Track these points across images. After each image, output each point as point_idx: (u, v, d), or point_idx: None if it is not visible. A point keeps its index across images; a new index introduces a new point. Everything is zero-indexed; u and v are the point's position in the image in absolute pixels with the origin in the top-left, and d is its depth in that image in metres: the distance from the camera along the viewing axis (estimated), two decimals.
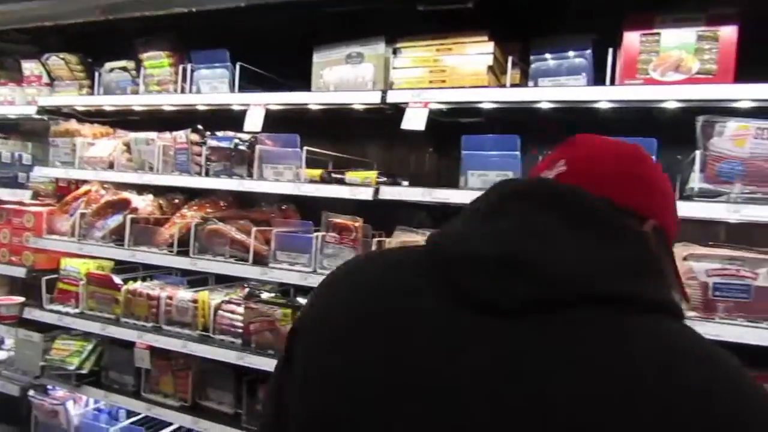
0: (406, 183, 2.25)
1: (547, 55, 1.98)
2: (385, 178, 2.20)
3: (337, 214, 2.29)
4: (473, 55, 2.03)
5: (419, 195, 2.04)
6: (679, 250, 1.91)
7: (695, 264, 1.77)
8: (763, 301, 1.71)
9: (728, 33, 1.71)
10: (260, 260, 2.40)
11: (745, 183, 1.67)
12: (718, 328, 1.68)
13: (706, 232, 2.11)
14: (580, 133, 0.85)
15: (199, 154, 2.60)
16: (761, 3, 1.64)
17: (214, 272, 2.51)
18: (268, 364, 2.29)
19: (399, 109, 2.11)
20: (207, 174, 2.56)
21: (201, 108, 2.63)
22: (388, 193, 2.10)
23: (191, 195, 2.90)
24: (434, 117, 2.33)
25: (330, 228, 2.28)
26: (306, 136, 2.44)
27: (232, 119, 2.52)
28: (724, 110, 1.73)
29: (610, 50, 1.84)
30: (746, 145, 1.66)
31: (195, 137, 2.63)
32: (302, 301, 2.44)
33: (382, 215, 2.35)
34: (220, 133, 2.59)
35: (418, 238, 2.13)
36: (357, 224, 2.22)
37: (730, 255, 1.74)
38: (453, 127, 2.39)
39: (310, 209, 2.52)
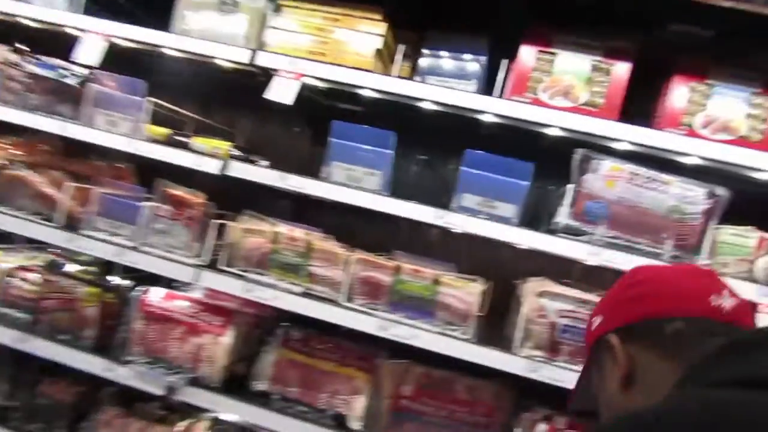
0: (265, 163, 1.95)
1: (441, 53, 1.80)
2: (239, 152, 1.88)
3: (176, 185, 1.92)
4: (362, 33, 1.79)
5: (273, 179, 1.75)
6: (535, 285, 1.82)
7: (548, 302, 1.68)
8: None
9: (621, 70, 1.63)
10: (74, 224, 1.95)
11: (610, 227, 1.60)
12: (558, 372, 1.60)
13: (564, 267, 2.06)
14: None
15: (17, 80, 2.07)
16: (655, 43, 1.58)
17: (6, 230, 2.00)
18: (58, 352, 1.87)
19: (271, 77, 1.80)
20: (22, 107, 2.04)
21: (28, 23, 2.10)
22: (239, 170, 1.78)
23: (10, 130, 2.32)
24: (314, 96, 2.07)
25: (165, 200, 1.91)
26: (170, 91, 2.04)
27: (72, 46, 2.04)
28: (604, 148, 1.66)
29: (506, 62, 1.70)
30: (616, 188, 1.59)
31: (14, 57, 2.10)
32: (118, 280, 2.03)
33: (241, 196, 2.01)
34: (47, 59, 2.09)
35: (265, 228, 1.84)
36: (198, 200, 1.88)
37: (583, 297, 1.67)
38: (334, 112, 2.14)
39: (154, 176, 2.09)
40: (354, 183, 1.74)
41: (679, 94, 1.59)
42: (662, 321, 0.79)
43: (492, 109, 1.65)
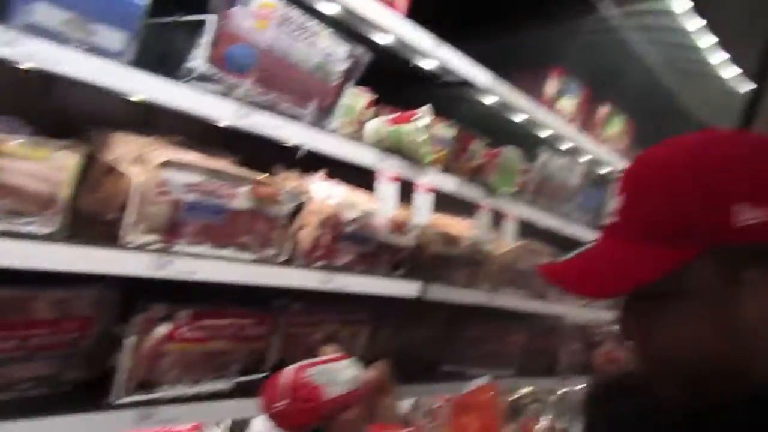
0: None
1: None
2: None
3: None
4: None
5: None
6: (143, 148, 1.34)
7: (174, 175, 1.26)
8: (232, 227, 1.42)
9: None
10: None
11: (257, 82, 1.28)
12: (191, 262, 1.28)
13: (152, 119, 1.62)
14: None
15: None
16: None
17: None
18: None
19: None
20: None
21: None
22: None
23: None
24: None
25: None
26: None
27: None
28: None
29: None
30: (267, 32, 1.26)
31: None
32: None
33: None
34: None
35: None
36: None
37: (215, 168, 1.33)
38: None
39: None
40: None
41: None
42: None
43: None
